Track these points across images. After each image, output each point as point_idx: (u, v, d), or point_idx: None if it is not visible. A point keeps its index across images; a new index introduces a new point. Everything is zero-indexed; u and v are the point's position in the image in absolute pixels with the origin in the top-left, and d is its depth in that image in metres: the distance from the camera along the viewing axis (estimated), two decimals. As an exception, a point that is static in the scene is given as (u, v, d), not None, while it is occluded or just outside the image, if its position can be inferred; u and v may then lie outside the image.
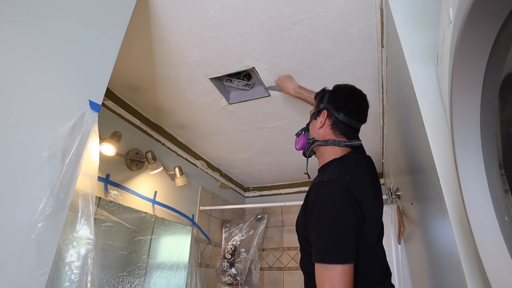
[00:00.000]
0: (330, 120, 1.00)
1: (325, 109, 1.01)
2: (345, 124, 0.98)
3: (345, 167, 0.91)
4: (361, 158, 1.00)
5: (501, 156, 0.48)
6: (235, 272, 2.66)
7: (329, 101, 1.02)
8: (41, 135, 0.73)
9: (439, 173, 0.73)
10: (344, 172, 0.88)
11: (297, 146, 1.09)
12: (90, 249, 0.79)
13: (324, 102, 1.03)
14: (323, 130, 1.01)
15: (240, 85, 1.82)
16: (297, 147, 1.09)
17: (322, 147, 1.00)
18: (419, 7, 0.97)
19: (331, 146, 0.98)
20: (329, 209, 0.79)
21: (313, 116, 1.07)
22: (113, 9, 0.99)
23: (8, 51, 0.68)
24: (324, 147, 0.99)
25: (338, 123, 0.99)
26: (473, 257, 0.62)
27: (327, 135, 1.00)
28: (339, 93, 1.03)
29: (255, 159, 2.79)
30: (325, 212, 0.79)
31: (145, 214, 1.96)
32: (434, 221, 0.89)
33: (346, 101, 1.00)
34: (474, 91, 0.46)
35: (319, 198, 0.82)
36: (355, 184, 0.84)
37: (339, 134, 0.99)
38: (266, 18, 1.30)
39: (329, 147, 0.98)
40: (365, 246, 0.81)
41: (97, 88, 0.90)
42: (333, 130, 0.99)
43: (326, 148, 0.99)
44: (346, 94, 1.03)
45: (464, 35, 0.42)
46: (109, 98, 1.83)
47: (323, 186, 0.83)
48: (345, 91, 1.04)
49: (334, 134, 0.99)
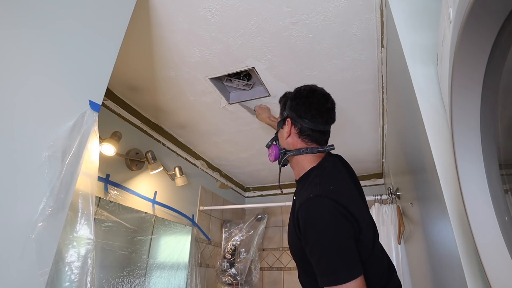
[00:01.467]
0: (296, 128, 0.95)
1: (289, 117, 0.97)
2: (312, 130, 0.93)
3: (326, 176, 0.87)
4: (336, 160, 0.98)
5: (501, 156, 0.48)
6: (235, 272, 2.66)
7: (291, 108, 0.97)
8: (41, 135, 0.73)
9: (439, 173, 0.73)
10: (327, 182, 0.84)
11: (270, 158, 1.04)
12: (90, 249, 0.79)
13: (287, 109, 0.98)
14: (291, 139, 0.96)
15: (240, 85, 1.82)
16: (271, 159, 1.04)
17: (295, 157, 0.95)
18: (419, 7, 0.97)
19: (304, 154, 0.94)
20: (324, 228, 0.75)
21: (279, 125, 1.02)
22: (113, 9, 0.99)
23: (8, 51, 0.68)
24: (297, 157, 0.95)
25: (304, 130, 0.94)
26: (473, 257, 0.62)
27: (297, 143, 0.95)
28: (299, 98, 0.97)
29: (255, 159, 2.79)
30: (321, 232, 0.75)
31: (145, 214, 1.96)
32: (434, 221, 0.89)
33: (308, 105, 0.94)
34: (474, 91, 0.46)
35: (311, 218, 0.77)
36: (342, 193, 0.82)
37: (308, 141, 0.94)
38: (266, 18, 1.30)
39: (302, 156, 0.94)
40: (365, 252, 0.80)
41: (97, 88, 0.90)
42: (301, 138, 0.95)
43: (300, 157, 0.94)
44: (307, 97, 0.96)
45: (464, 35, 0.42)
46: (109, 98, 1.83)
47: (312, 204, 0.79)
48: (305, 95, 0.97)
49: (303, 142, 0.94)
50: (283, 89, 1.77)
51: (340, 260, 0.73)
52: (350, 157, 2.71)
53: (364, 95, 1.80)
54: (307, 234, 0.77)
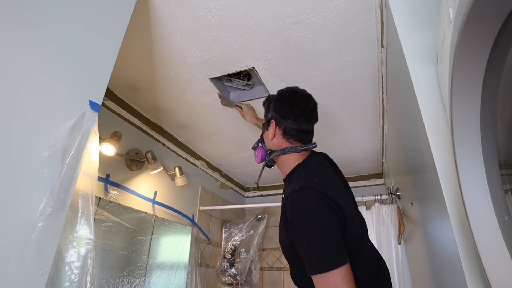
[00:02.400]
0: (280, 128, 0.99)
1: (273, 118, 1.01)
2: (296, 130, 0.97)
3: (311, 170, 0.90)
4: (321, 157, 1.01)
5: (501, 156, 0.48)
6: (235, 272, 2.66)
7: (275, 109, 1.01)
8: (41, 135, 0.73)
9: (439, 173, 0.73)
10: (311, 175, 0.86)
11: (257, 159, 1.08)
12: (90, 249, 0.79)
13: (271, 111, 1.03)
14: (276, 140, 1.00)
15: (240, 85, 1.82)
16: (257, 161, 1.08)
17: (281, 157, 1.00)
18: (419, 7, 0.97)
19: (289, 154, 0.98)
20: (309, 218, 0.78)
21: (264, 127, 1.06)
22: (113, 9, 0.99)
23: (8, 51, 0.68)
24: (283, 156, 0.99)
25: (289, 130, 0.98)
26: (473, 257, 0.62)
27: (282, 143, 0.99)
28: (282, 100, 1.01)
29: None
30: (306, 221, 0.78)
31: (145, 214, 1.96)
32: (434, 221, 0.90)
33: (291, 106, 0.99)
34: (474, 91, 0.46)
35: (296, 209, 0.80)
36: (326, 184, 0.84)
37: (293, 141, 0.98)
38: (266, 18, 1.30)
39: (287, 155, 0.98)
40: (352, 244, 0.81)
41: (97, 88, 0.90)
42: (285, 138, 0.98)
43: (285, 156, 0.98)
44: (289, 99, 1.01)
45: (464, 35, 0.42)
46: (109, 98, 1.83)
47: (296, 196, 0.82)
48: (288, 96, 1.02)
49: (288, 142, 0.98)
50: (283, 89, 1.78)
51: (325, 248, 0.75)
52: (350, 157, 2.71)
53: (364, 95, 1.80)
54: (294, 225, 0.79)
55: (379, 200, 2.07)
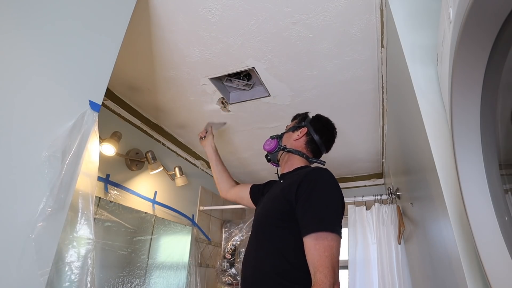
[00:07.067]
0: (307, 138, 1.17)
1: (306, 127, 1.19)
2: (316, 145, 1.17)
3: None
4: None
5: (501, 156, 0.48)
6: (235, 272, 2.66)
7: (311, 123, 1.20)
8: (41, 135, 0.73)
9: (439, 173, 0.73)
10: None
11: (266, 146, 1.23)
12: (90, 249, 0.79)
13: (306, 122, 1.21)
14: (297, 142, 1.17)
15: (240, 85, 1.82)
16: (266, 148, 1.23)
17: (291, 155, 1.17)
18: (419, 7, 0.97)
19: (300, 156, 1.15)
20: (332, 189, 0.92)
21: (290, 129, 1.23)
22: (113, 9, 0.99)
23: (8, 51, 0.68)
24: (294, 156, 1.16)
25: (312, 143, 1.17)
26: (473, 257, 0.62)
27: (300, 147, 1.17)
28: (320, 121, 1.22)
29: (255, 159, 2.79)
30: (331, 191, 0.91)
31: (145, 214, 1.96)
32: (434, 221, 0.90)
33: (325, 130, 1.19)
34: (474, 91, 0.46)
35: (323, 180, 0.93)
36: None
37: (309, 150, 1.17)
38: (266, 18, 1.30)
39: (297, 157, 1.15)
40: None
41: (97, 88, 0.90)
42: (306, 145, 1.17)
43: (295, 156, 1.16)
44: (326, 125, 1.21)
45: (464, 35, 0.42)
46: (109, 98, 1.83)
47: (322, 172, 0.95)
48: (325, 122, 1.22)
49: (305, 149, 1.16)
50: (283, 89, 1.78)
51: (337, 217, 0.89)
52: (350, 157, 2.71)
53: (364, 95, 1.79)
54: (314, 191, 0.90)
55: (379, 200, 2.07)
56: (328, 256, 0.79)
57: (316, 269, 0.79)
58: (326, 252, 0.80)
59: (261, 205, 1.10)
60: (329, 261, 0.79)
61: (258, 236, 0.98)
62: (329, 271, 0.77)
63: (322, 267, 0.78)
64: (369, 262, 1.98)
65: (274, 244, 0.91)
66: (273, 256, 0.90)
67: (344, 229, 1.04)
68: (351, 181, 3.13)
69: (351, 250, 2.03)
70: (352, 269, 1.99)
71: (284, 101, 1.91)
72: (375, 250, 1.97)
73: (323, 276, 0.77)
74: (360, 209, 2.13)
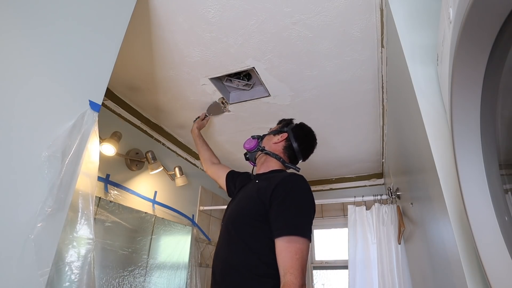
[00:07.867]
0: (286, 143, 1.21)
1: (287, 133, 1.22)
2: (293, 152, 1.20)
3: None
4: None
5: (501, 156, 0.48)
6: (235, 272, 2.66)
7: (293, 130, 1.24)
8: (41, 135, 0.73)
9: (439, 173, 0.73)
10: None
11: (246, 145, 1.28)
12: (90, 249, 0.79)
13: (288, 129, 1.24)
14: (276, 146, 1.21)
15: (240, 85, 1.82)
16: (246, 146, 1.28)
17: (268, 157, 1.21)
18: (419, 7, 0.97)
19: (277, 160, 1.19)
20: (306, 195, 0.97)
21: (272, 132, 1.27)
22: (113, 9, 0.99)
23: (8, 51, 0.68)
24: (271, 158, 1.20)
25: (289, 149, 1.20)
26: (473, 257, 0.62)
27: (278, 151, 1.21)
28: (302, 130, 1.25)
29: (255, 159, 2.79)
30: (304, 196, 0.96)
31: (145, 214, 1.96)
32: (434, 221, 0.90)
33: (305, 139, 1.23)
34: (474, 91, 0.46)
35: (298, 186, 0.98)
36: None
37: (285, 155, 1.21)
38: (266, 18, 1.30)
39: (274, 159, 1.20)
40: None
41: (97, 88, 0.90)
42: (284, 150, 1.20)
43: (273, 159, 1.20)
44: (307, 134, 1.25)
45: (464, 35, 0.42)
46: (109, 98, 1.82)
47: (298, 178, 1.00)
48: (307, 132, 1.26)
49: (282, 153, 1.20)
50: (283, 89, 1.78)
51: (308, 222, 0.94)
52: (350, 157, 2.71)
53: (364, 95, 1.79)
54: (289, 196, 0.94)
55: (379, 200, 2.07)
56: (299, 258, 0.84)
57: (286, 270, 0.83)
58: (297, 255, 0.84)
59: (235, 202, 1.12)
60: (299, 263, 0.84)
61: (230, 232, 1.01)
62: (299, 273, 0.82)
63: (293, 269, 0.82)
64: (369, 262, 1.98)
65: (246, 241, 0.95)
66: (244, 252, 0.94)
67: (344, 229, 1.06)
68: (351, 181, 3.13)
69: (351, 250, 2.03)
70: (352, 269, 1.99)
71: (284, 101, 1.91)
72: (375, 250, 1.97)
73: (294, 277, 0.81)
74: (360, 209, 2.13)
